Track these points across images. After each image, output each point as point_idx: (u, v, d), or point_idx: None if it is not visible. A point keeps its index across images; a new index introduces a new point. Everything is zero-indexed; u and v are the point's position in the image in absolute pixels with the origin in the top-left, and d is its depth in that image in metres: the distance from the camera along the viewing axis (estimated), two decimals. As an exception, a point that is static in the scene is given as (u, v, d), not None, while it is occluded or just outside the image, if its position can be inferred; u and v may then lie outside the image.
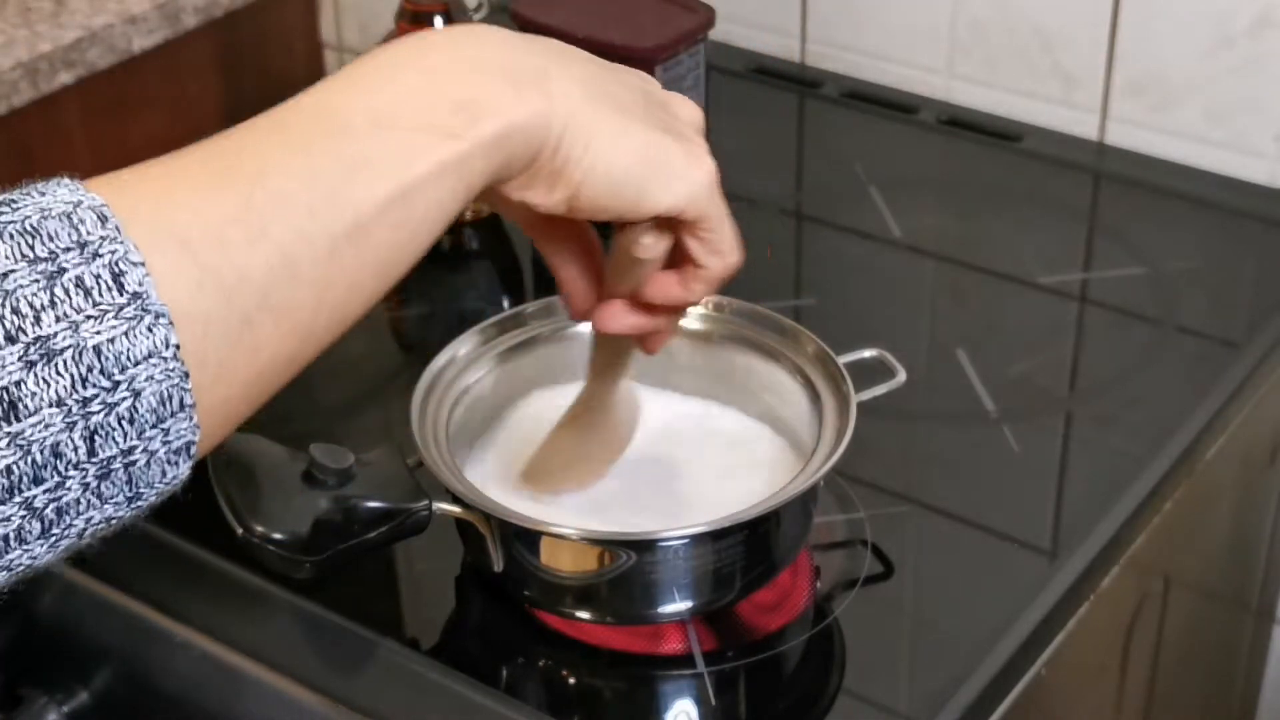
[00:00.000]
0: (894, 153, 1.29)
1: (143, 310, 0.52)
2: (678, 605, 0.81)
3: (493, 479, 0.86)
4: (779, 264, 1.18)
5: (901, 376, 0.89)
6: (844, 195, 1.23)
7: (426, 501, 0.80)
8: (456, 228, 1.19)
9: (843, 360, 0.86)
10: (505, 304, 1.13)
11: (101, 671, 0.93)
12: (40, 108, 1.40)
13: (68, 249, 0.51)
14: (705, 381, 0.91)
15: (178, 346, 0.52)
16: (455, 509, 0.81)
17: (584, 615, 0.83)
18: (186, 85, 1.54)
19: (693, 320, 0.91)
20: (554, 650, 0.84)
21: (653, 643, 0.84)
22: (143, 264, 0.52)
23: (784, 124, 1.35)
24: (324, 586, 0.84)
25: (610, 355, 0.82)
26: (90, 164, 1.50)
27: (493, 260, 1.20)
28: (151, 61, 1.48)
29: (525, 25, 1.15)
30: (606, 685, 0.84)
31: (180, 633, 0.87)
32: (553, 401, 0.89)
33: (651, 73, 1.11)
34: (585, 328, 0.91)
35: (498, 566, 0.82)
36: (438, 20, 1.12)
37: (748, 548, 0.81)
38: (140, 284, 0.52)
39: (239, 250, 0.55)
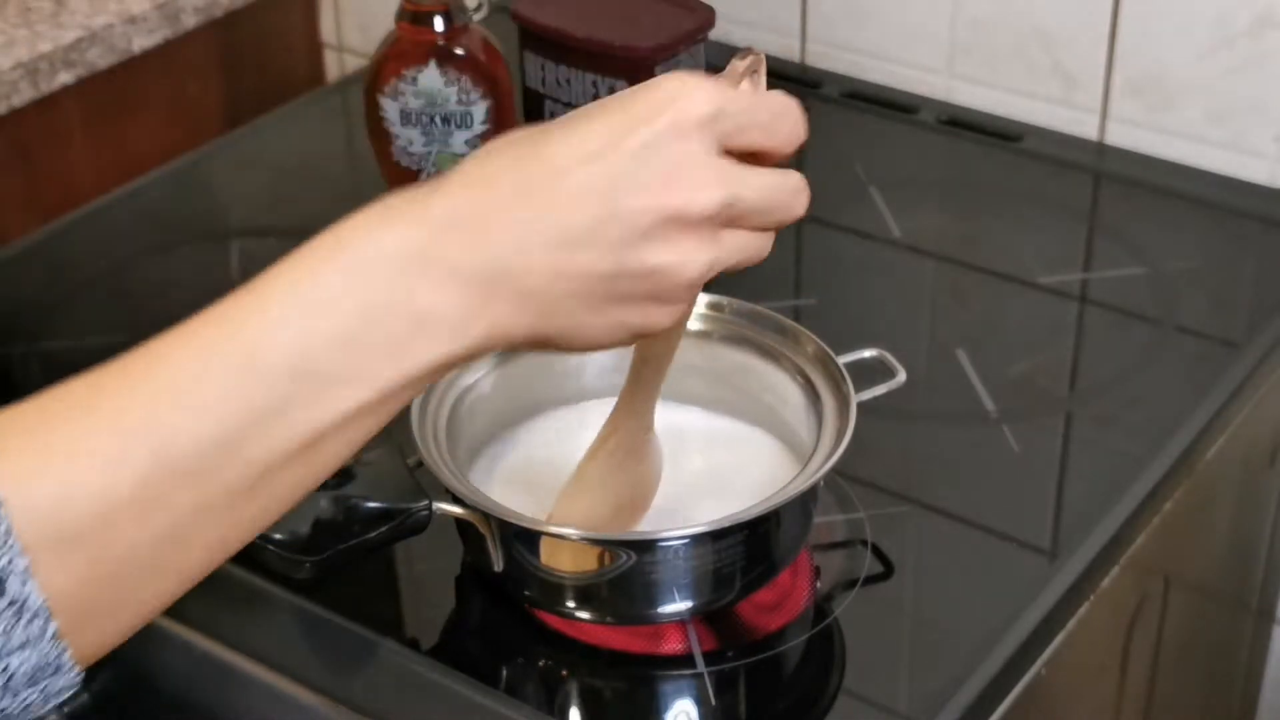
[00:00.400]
0: (894, 153, 1.29)
1: (21, 611, 0.53)
2: (678, 605, 0.81)
3: (491, 479, 0.86)
4: (779, 264, 1.18)
5: (901, 377, 0.89)
6: (844, 195, 1.23)
7: (426, 501, 0.80)
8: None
9: (842, 360, 0.86)
10: (505, 304, 1.12)
11: (101, 672, 0.92)
12: (40, 108, 1.40)
13: None
14: (705, 381, 0.91)
15: (56, 629, 0.54)
16: (455, 509, 0.81)
17: (584, 615, 0.83)
18: (186, 85, 1.54)
19: (693, 320, 0.91)
20: (554, 650, 0.84)
21: (653, 643, 0.84)
22: (27, 569, 0.53)
23: (784, 124, 1.34)
24: (324, 586, 0.84)
25: (651, 370, 0.78)
26: (90, 164, 1.51)
27: (493, 260, 1.20)
28: (151, 62, 1.48)
29: (525, 25, 1.15)
30: (606, 685, 0.84)
31: (180, 633, 0.87)
32: (561, 417, 0.89)
33: (651, 73, 1.12)
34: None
35: (498, 566, 0.82)
36: (438, 21, 1.12)
37: (748, 548, 0.81)
38: (22, 587, 0.53)
39: (130, 531, 0.55)
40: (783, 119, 0.66)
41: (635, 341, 0.67)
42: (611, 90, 1.12)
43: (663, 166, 0.61)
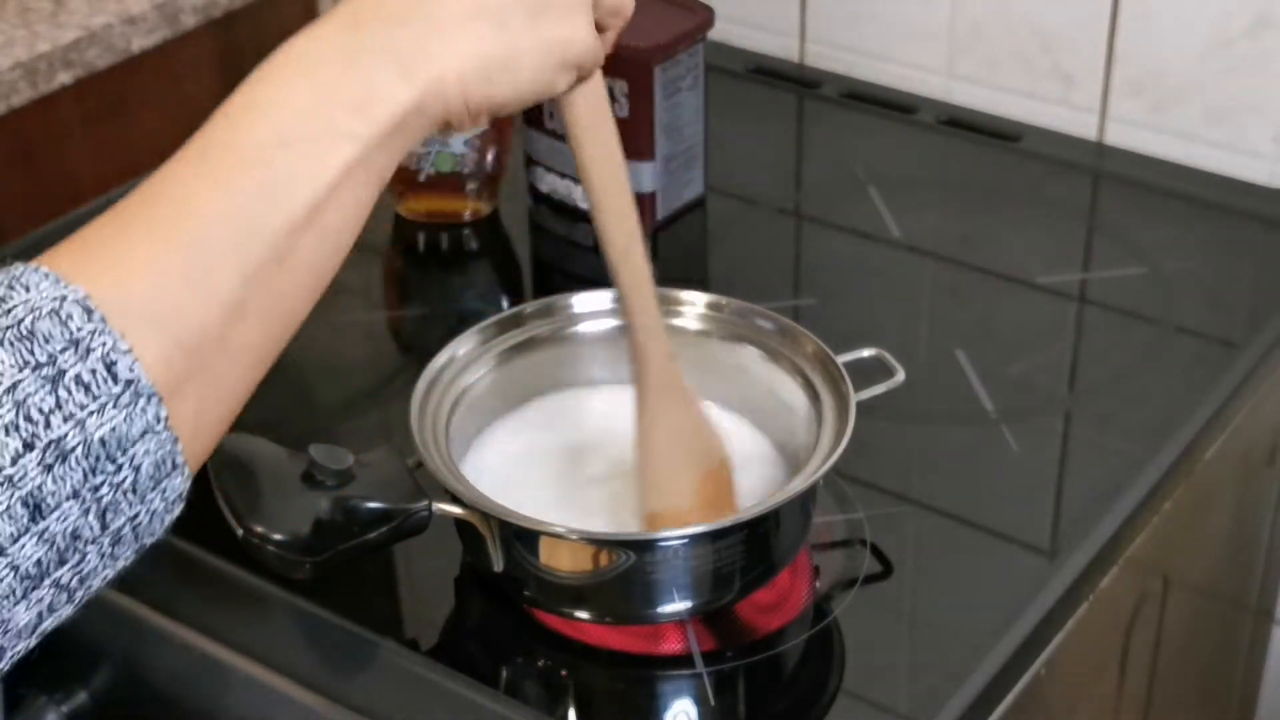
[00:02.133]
0: (893, 153, 1.29)
1: (135, 394, 0.56)
2: (677, 605, 0.81)
3: (492, 479, 0.86)
4: (779, 264, 1.18)
5: (901, 376, 0.89)
6: (843, 195, 1.23)
7: (426, 502, 0.80)
8: (456, 228, 1.19)
9: (842, 360, 0.87)
10: (504, 304, 1.13)
11: (101, 672, 0.93)
12: (39, 108, 1.40)
13: (64, 349, 0.55)
14: (704, 381, 0.91)
15: (167, 417, 0.57)
16: (455, 509, 0.81)
17: (583, 615, 0.83)
18: (185, 85, 1.54)
19: (692, 320, 0.91)
20: (553, 650, 0.84)
21: (652, 643, 0.84)
22: (129, 351, 0.56)
23: (783, 124, 1.35)
24: (324, 586, 0.84)
25: (629, 272, 0.83)
26: (89, 164, 1.51)
27: (492, 260, 1.20)
28: (150, 61, 1.48)
29: (524, 25, 1.15)
30: (606, 685, 0.84)
31: (180, 633, 0.87)
32: (553, 403, 0.89)
33: (650, 72, 1.12)
34: (584, 328, 0.92)
35: (497, 566, 0.82)
36: (437, 20, 1.12)
37: (747, 548, 0.81)
38: (131, 370, 0.56)
39: (196, 311, 0.60)
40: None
41: (572, 73, 0.73)
42: (610, 91, 1.12)
43: None
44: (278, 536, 0.78)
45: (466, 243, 1.19)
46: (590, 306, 0.92)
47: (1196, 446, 0.98)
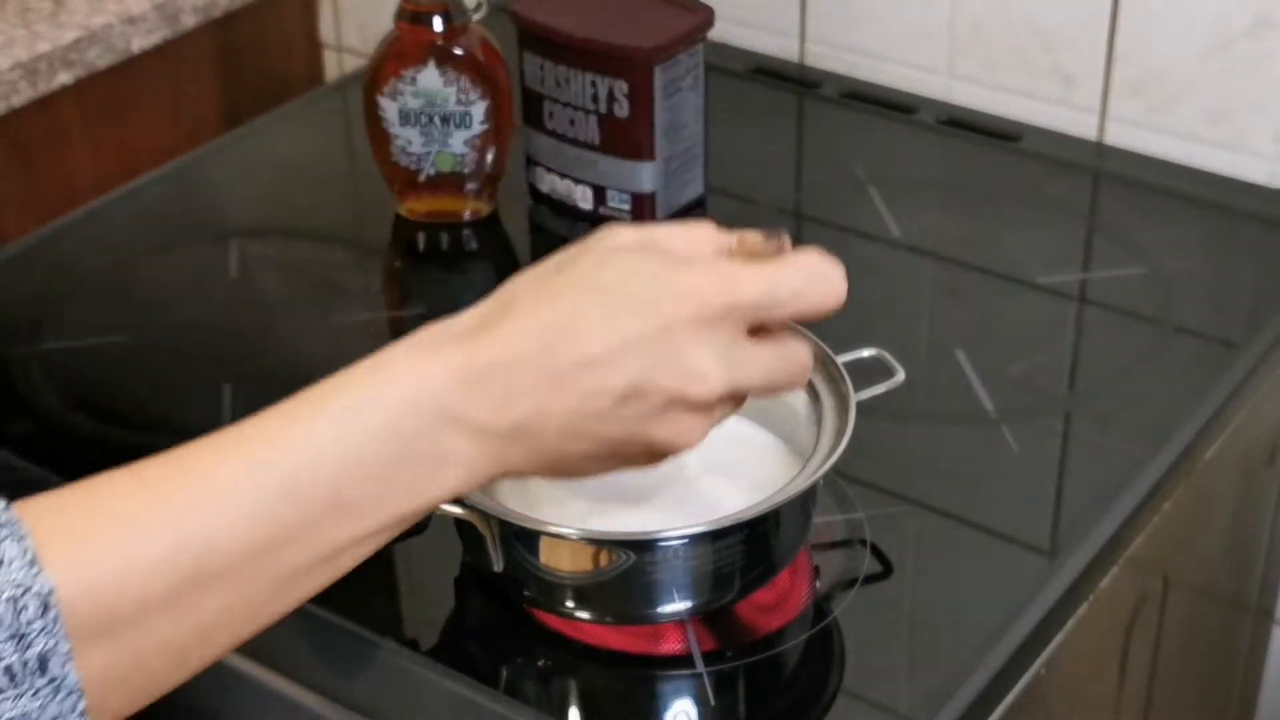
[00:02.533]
0: (893, 153, 1.29)
1: (57, 689, 0.58)
2: (677, 605, 0.81)
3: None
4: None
5: (900, 376, 0.89)
6: (843, 195, 1.23)
7: (426, 501, 0.80)
8: (456, 228, 1.19)
9: (842, 360, 0.86)
10: (504, 304, 1.12)
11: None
12: (39, 108, 1.40)
13: (6, 639, 0.57)
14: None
15: (84, 707, 0.59)
16: (455, 509, 0.81)
17: (583, 615, 0.83)
18: (185, 85, 1.54)
19: (692, 320, 0.91)
20: (553, 650, 0.84)
21: (652, 643, 0.84)
22: (69, 653, 0.58)
23: (783, 124, 1.35)
24: (323, 586, 0.84)
25: None
26: (89, 164, 1.51)
27: (492, 260, 1.20)
28: (150, 62, 1.48)
29: (525, 25, 1.15)
30: (606, 685, 0.84)
31: (180, 633, 0.87)
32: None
33: (650, 73, 1.12)
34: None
35: (497, 566, 0.82)
36: (437, 21, 1.12)
37: (747, 548, 0.81)
38: (63, 669, 0.58)
39: (163, 628, 0.61)
40: (808, 294, 0.70)
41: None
42: (610, 92, 1.12)
43: (677, 354, 0.66)
44: (278, 536, 0.78)
45: (466, 243, 1.19)
46: (590, 306, 0.92)
47: (1196, 446, 0.98)
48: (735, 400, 0.70)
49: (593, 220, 1.18)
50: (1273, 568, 1.25)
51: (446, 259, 1.18)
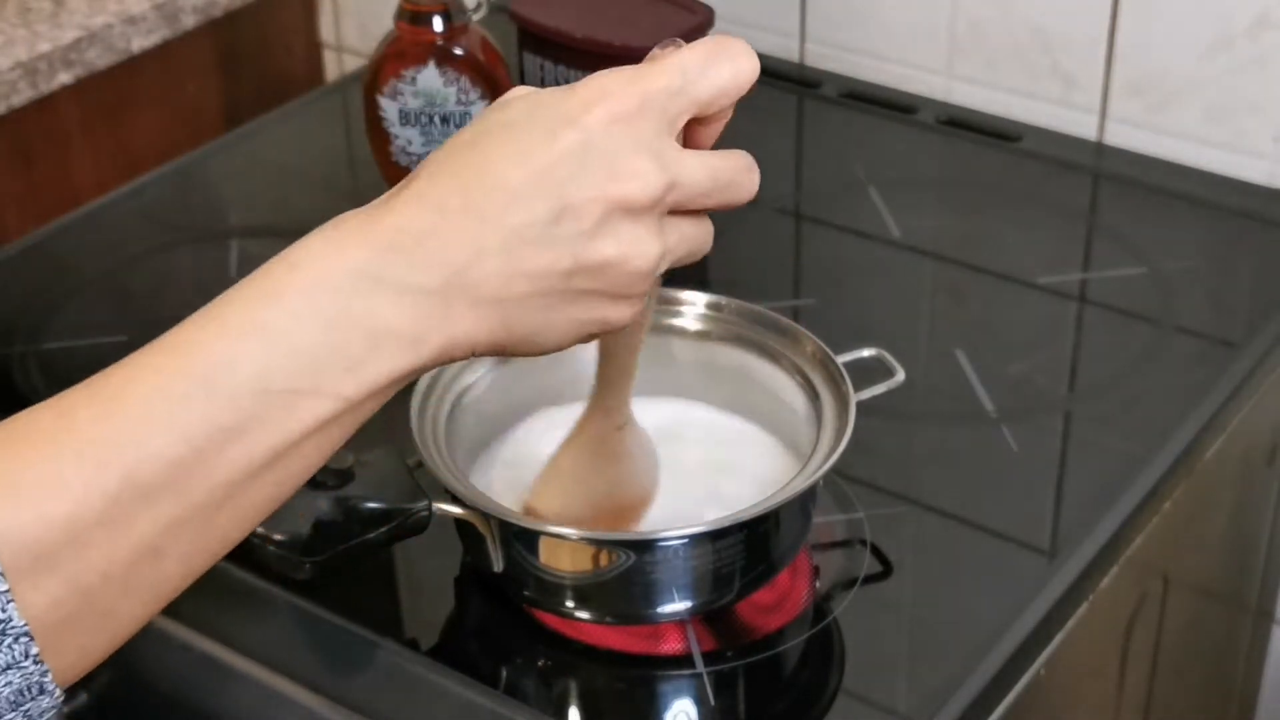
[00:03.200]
0: (893, 153, 1.29)
1: (3, 634, 0.55)
2: (677, 605, 0.81)
3: (490, 479, 0.86)
4: (778, 264, 1.18)
5: (900, 376, 0.89)
6: (843, 195, 1.23)
7: (426, 501, 0.80)
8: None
9: (842, 360, 0.87)
10: (504, 304, 1.12)
11: (101, 672, 0.92)
12: (39, 108, 1.40)
13: None
14: (704, 381, 0.91)
15: (37, 652, 0.56)
16: (455, 509, 0.81)
17: (583, 615, 0.83)
18: (185, 85, 1.54)
19: (692, 320, 0.91)
20: (553, 650, 0.84)
21: (652, 643, 0.84)
22: (6, 593, 0.55)
23: (783, 124, 1.35)
24: (324, 586, 0.84)
25: (616, 368, 0.80)
26: (89, 164, 1.51)
27: (492, 260, 1.20)
28: (150, 62, 1.48)
29: (524, 25, 1.15)
30: (606, 685, 0.84)
31: (180, 633, 0.87)
32: (556, 415, 0.89)
33: (651, 73, 1.12)
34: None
35: (497, 566, 0.82)
36: (437, 21, 1.12)
37: (747, 548, 0.81)
38: (4, 610, 0.55)
39: (104, 551, 0.57)
40: (715, 68, 0.67)
41: (595, 339, 0.68)
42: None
43: (602, 159, 0.62)
44: (278, 536, 0.78)
45: (466, 243, 1.19)
46: (590, 306, 0.92)
47: (1196, 446, 0.98)
48: (679, 204, 0.65)
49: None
50: (1273, 568, 1.25)
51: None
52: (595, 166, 0.62)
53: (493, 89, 1.14)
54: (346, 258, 0.61)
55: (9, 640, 0.55)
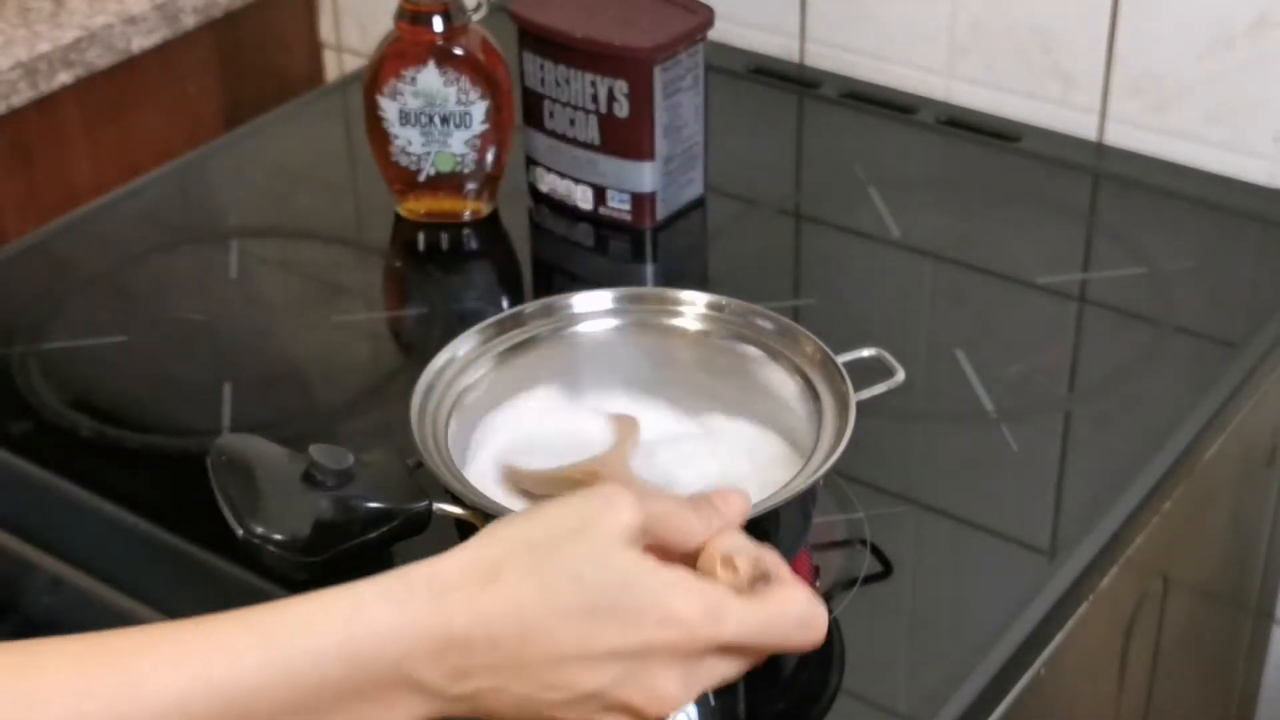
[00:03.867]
0: (893, 153, 1.29)
1: None
2: (677, 605, 0.81)
3: (490, 479, 0.86)
4: (779, 264, 1.18)
5: (900, 376, 0.89)
6: (843, 195, 1.23)
7: (426, 501, 0.80)
8: (456, 228, 1.19)
9: (841, 360, 0.86)
10: (504, 304, 1.13)
11: (101, 671, 0.93)
12: (39, 108, 1.40)
13: None
14: (704, 381, 0.91)
15: None
16: (455, 509, 0.81)
17: (583, 615, 0.83)
18: (186, 85, 1.54)
19: (692, 320, 0.91)
20: (553, 650, 0.84)
21: (652, 643, 0.84)
22: None
23: (783, 124, 1.35)
24: (324, 587, 0.84)
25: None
26: (89, 164, 1.51)
27: (492, 260, 1.20)
28: (150, 62, 1.48)
29: (525, 25, 1.15)
30: (606, 685, 0.84)
31: (180, 633, 0.86)
32: (550, 401, 0.89)
33: (650, 73, 1.12)
34: (584, 328, 0.91)
35: (497, 566, 0.82)
36: (437, 20, 1.12)
37: (747, 548, 0.81)
38: None
39: None
40: (798, 631, 0.67)
41: None
42: (610, 91, 1.12)
43: (649, 679, 0.65)
44: (278, 536, 0.78)
45: (466, 243, 1.19)
46: (590, 306, 0.92)
47: (1196, 446, 0.98)
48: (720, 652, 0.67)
49: (593, 220, 1.18)
50: (1273, 568, 1.25)
51: (446, 259, 1.18)
52: (637, 678, 0.65)
53: (493, 89, 1.14)
54: (395, 644, 0.64)
55: None
